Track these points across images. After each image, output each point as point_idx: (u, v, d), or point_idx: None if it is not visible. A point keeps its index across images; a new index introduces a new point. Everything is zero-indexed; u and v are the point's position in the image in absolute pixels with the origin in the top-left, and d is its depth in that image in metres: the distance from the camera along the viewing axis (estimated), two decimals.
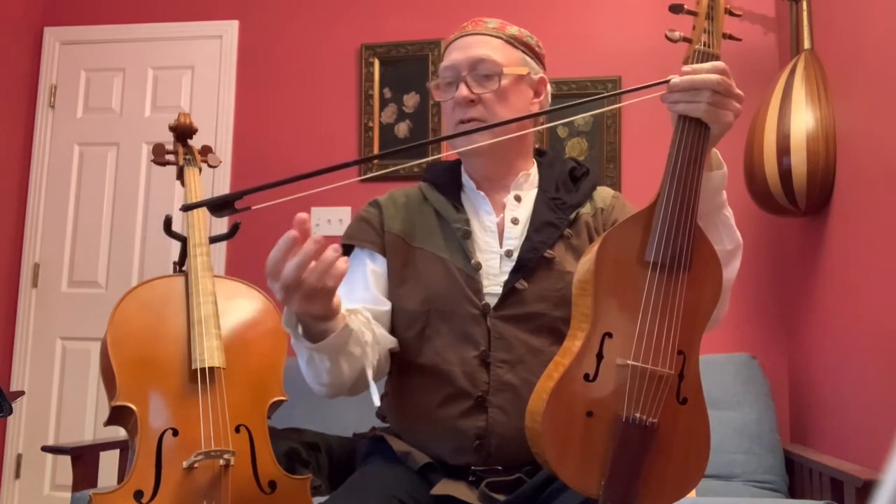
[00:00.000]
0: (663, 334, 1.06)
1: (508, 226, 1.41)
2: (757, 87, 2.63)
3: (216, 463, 1.50)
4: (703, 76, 1.10)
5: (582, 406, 1.05)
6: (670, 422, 1.06)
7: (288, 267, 1.06)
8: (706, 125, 1.11)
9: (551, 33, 2.91)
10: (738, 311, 2.76)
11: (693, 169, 1.09)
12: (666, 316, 1.06)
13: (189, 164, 2.00)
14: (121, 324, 1.63)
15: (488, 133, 1.30)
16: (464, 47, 1.42)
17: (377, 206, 1.48)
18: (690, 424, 1.08)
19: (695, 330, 1.10)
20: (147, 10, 3.41)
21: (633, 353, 1.06)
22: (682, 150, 1.10)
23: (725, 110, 1.12)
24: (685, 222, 1.08)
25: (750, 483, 2.34)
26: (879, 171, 1.95)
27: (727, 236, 1.22)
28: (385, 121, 3.14)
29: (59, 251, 3.34)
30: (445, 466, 1.33)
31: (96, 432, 3.15)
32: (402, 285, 1.41)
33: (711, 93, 1.10)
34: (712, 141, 1.14)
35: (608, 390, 1.05)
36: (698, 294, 1.09)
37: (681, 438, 1.07)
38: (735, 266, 1.25)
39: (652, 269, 1.07)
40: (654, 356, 1.06)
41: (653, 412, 1.05)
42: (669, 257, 1.07)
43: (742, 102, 1.14)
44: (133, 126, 3.35)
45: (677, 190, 1.08)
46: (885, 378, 1.89)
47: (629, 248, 1.09)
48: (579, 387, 1.06)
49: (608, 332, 1.07)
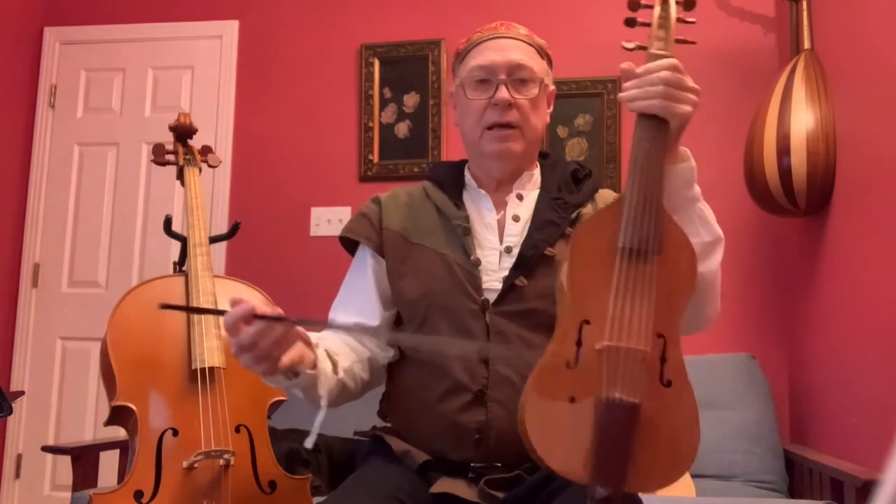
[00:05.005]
0: (637, 315, 1.09)
1: (509, 223, 1.42)
2: (757, 87, 2.63)
3: (216, 463, 1.50)
4: (655, 71, 1.15)
5: (565, 393, 1.07)
6: (655, 403, 1.07)
7: (248, 331, 1.12)
8: (665, 120, 1.15)
9: (551, 33, 2.90)
10: (738, 311, 2.77)
11: (654, 160, 1.15)
12: (637, 297, 1.10)
13: (189, 164, 2.00)
14: (121, 324, 1.63)
15: (521, 139, 1.39)
16: (501, 49, 1.40)
17: (378, 203, 1.49)
18: (677, 407, 1.09)
19: (673, 314, 1.12)
20: (147, 10, 3.41)
21: (607, 334, 1.09)
22: (643, 143, 1.15)
23: (680, 103, 1.15)
24: (651, 209, 1.13)
25: (750, 483, 2.34)
26: (879, 171, 1.95)
27: (704, 229, 1.24)
28: (385, 121, 3.14)
29: (59, 251, 3.34)
30: (445, 463, 1.33)
31: (96, 432, 3.15)
32: (401, 280, 1.42)
33: (664, 87, 1.13)
34: (673, 134, 1.17)
35: (589, 375, 1.07)
36: (672, 278, 1.13)
37: (668, 421, 1.08)
38: (716, 259, 1.26)
39: (622, 254, 1.12)
40: (628, 336, 1.08)
41: (632, 392, 1.06)
42: (638, 241, 1.11)
43: (699, 95, 1.17)
44: (133, 126, 3.35)
45: (641, 180, 1.14)
46: (885, 378, 1.89)
47: (602, 237, 1.14)
48: (561, 374, 1.09)
49: (586, 320, 1.10)
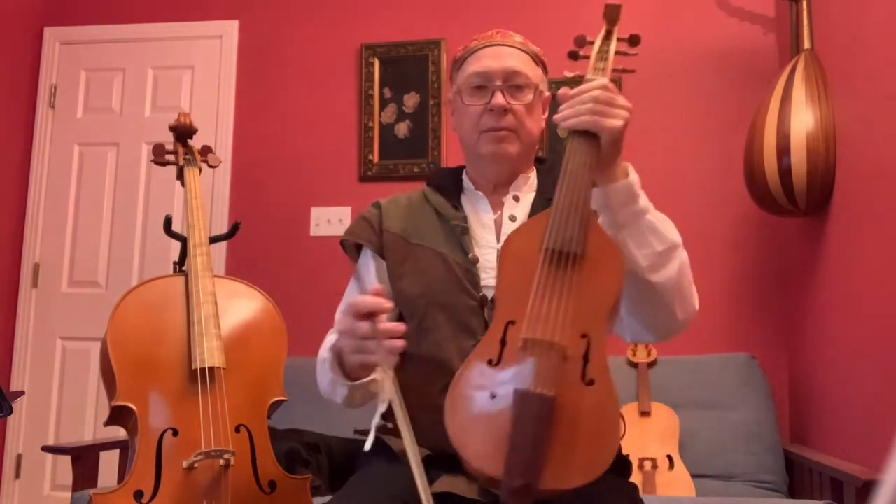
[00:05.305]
0: (556, 313, 1.12)
1: (506, 222, 1.45)
2: (757, 87, 2.63)
3: (216, 463, 1.50)
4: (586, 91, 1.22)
5: (486, 389, 1.10)
6: (574, 400, 1.08)
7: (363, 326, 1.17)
8: (596, 136, 1.20)
9: (551, 33, 2.90)
10: (738, 311, 2.76)
11: (582, 170, 1.20)
12: (557, 296, 1.13)
13: (189, 164, 2.00)
14: (121, 324, 1.63)
15: (517, 141, 1.43)
16: (497, 56, 1.45)
17: (378, 207, 1.53)
18: (597, 406, 1.09)
19: (597, 315, 1.15)
20: (147, 10, 3.41)
21: (526, 328, 1.11)
22: (573, 156, 1.21)
23: (609, 118, 1.19)
24: (575, 213, 1.17)
25: (750, 483, 2.34)
26: (879, 171, 1.95)
27: (656, 239, 1.25)
28: (385, 121, 3.14)
29: (59, 251, 3.34)
30: (446, 458, 1.33)
31: (96, 432, 3.15)
32: (401, 280, 1.44)
33: (593, 104, 1.19)
34: (605, 149, 1.21)
35: (510, 371, 1.10)
36: (595, 280, 1.16)
37: (587, 419, 1.08)
38: (673, 267, 1.26)
39: (545, 255, 1.16)
40: (544, 330, 1.11)
41: (549, 385, 1.06)
42: (561, 243, 1.16)
43: (630, 111, 1.22)
44: (133, 126, 3.35)
45: (568, 188, 1.19)
46: (885, 378, 1.89)
47: (530, 243, 1.19)
48: (484, 371, 1.12)
49: (511, 321, 1.14)
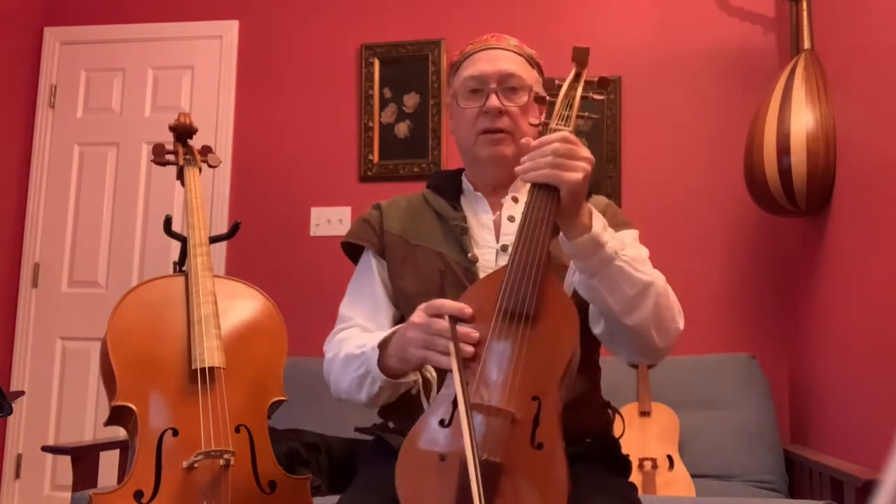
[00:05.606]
0: (508, 375, 1.10)
1: (505, 223, 1.46)
2: (757, 87, 2.63)
3: (216, 463, 1.50)
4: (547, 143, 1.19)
5: (436, 450, 1.09)
6: (520, 464, 1.05)
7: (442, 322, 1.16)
8: (556, 189, 1.18)
9: (550, 33, 2.91)
10: (738, 311, 2.76)
11: (540, 227, 1.17)
12: (508, 356, 1.11)
13: (189, 164, 2.00)
14: (121, 324, 1.63)
15: (513, 143, 1.42)
16: (491, 60, 1.46)
17: (378, 209, 1.54)
18: (545, 469, 1.06)
19: (549, 377, 1.11)
20: (147, 10, 3.41)
21: (474, 392, 1.09)
22: (531, 211, 1.18)
23: (568, 171, 1.17)
24: (530, 274, 1.14)
25: (750, 483, 2.34)
26: (879, 171, 1.95)
27: (626, 284, 1.22)
28: (385, 121, 3.14)
29: (59, 251, 3.34)
30: None
31: (96, 432, 3.15)
32: (401, 280, 1.46)
33: (553, 157, 1.17)
34: (565, 201, 1.18)
35: (459, 434, 1.06)
36: (549, 341, 1.13)
37: (533, 484, 1.05)
38: (646, 308, 1.24)
39: (498, 314, 1.14)
40: (496, 396, 1.09)
41: (495, 451, 1.05)
42: (514, 303, 1.13)
43: (591, 164, 1.20)
44: (133, 126, 3.35)
45: (524, 246, 1.17)
46: (885, 378, 1.88)
47: (487, 299, 1.16)
48: (434, 432, 1.11)
49: (467, 381, 1.11)
